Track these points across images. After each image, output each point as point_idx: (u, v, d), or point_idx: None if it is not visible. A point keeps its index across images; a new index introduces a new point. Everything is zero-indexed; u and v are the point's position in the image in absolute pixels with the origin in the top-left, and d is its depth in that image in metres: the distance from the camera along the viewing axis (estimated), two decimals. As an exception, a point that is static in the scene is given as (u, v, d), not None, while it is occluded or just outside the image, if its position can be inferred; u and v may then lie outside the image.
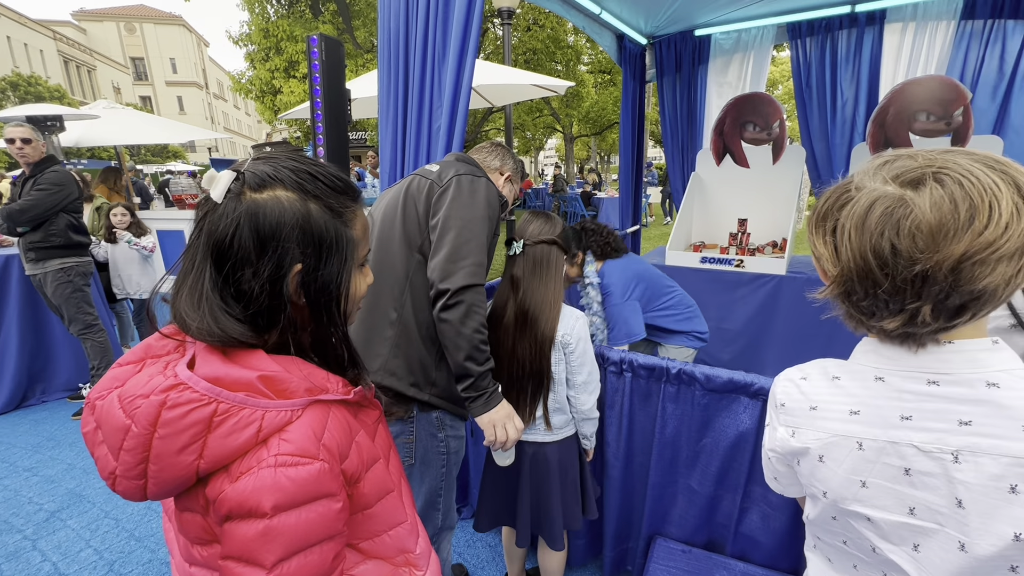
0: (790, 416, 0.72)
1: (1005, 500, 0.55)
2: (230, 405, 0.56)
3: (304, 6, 14.28)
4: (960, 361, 0.58)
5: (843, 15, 3.30)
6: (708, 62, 3.88)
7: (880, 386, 0.64)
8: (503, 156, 1.56)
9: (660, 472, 1.63)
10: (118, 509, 2.46)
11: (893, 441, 0.62)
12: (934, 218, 0.53)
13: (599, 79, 18.79)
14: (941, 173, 0.54)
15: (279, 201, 0.60)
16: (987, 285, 0.53)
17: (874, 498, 0.64)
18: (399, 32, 1.82)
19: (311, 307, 0.65)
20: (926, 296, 0.55)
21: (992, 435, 0.56)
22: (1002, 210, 0.51)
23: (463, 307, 1.20)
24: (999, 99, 3.02)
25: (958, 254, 0.52)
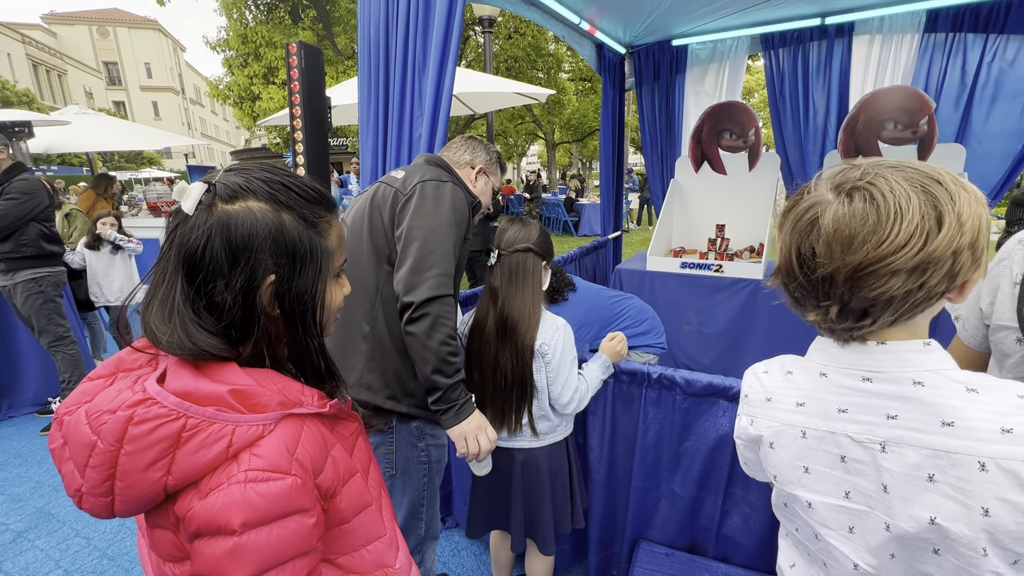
0: (750, 406, 0.79)
1: (923, 487, 0.60)
2: (199, 420, 0.55)
3: (283, 12, 14.16)
4: (891, 360, 0.63)
5: (813, 27, 3.41)
6: (685, 71, 3.97)
7: (823, 381, 0.69)
8: (473, 148, 1.50)
9: (643, 476, 1.64)
10: (89, 528, 2.37)
11: (831, 431, 0.68)
12: (835, 228, 0.59)
13: (580, 87, 19.01)
14: (863, 188, 0.59)
15: (251, 212, 0.60)
16: (880, 295, 0.58)
17: (815, 483, 0.70)
18: (379, 41, 1.82)
19: (286, 318, 0.64)
20: (833, 297, 0.61)
21: (914, 429, 0.61)
22: (902, 229, 0.55)
23: (429, 320, 1.18)
24: (961, 108, 3.15)
25: (853, 264, 0.57)
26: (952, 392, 0.60)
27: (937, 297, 0.59)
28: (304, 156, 2.36)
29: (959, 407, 0.59)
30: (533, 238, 1.44)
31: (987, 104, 3.09)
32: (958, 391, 0.60)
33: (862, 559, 0.67)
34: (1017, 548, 0.57)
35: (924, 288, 0.57)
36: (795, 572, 0.81)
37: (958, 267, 0.57)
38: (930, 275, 0.57)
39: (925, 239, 0.56)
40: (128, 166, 25.75)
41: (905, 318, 0.61)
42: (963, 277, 0.59)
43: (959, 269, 0.57)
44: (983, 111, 3.11)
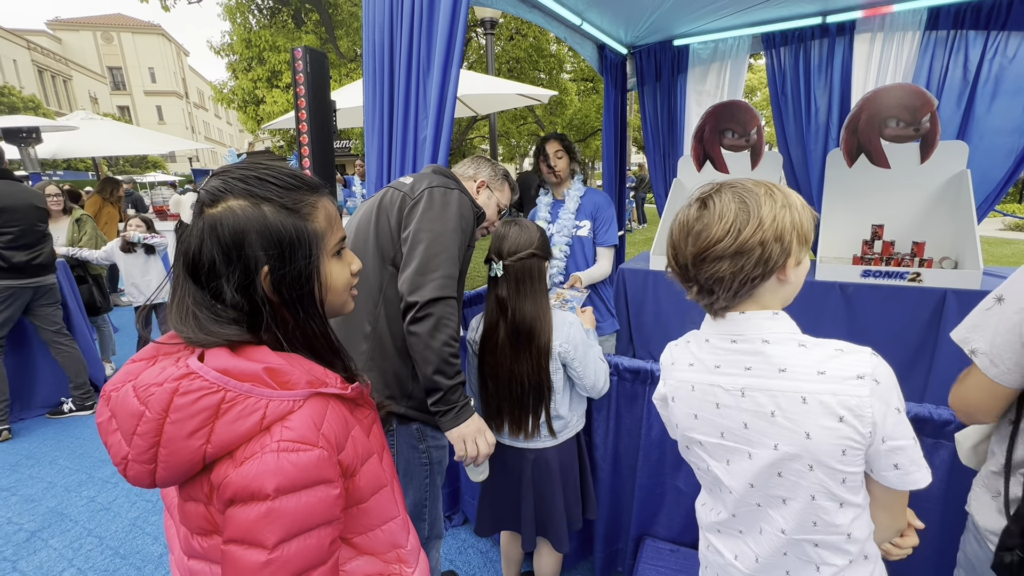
0: (664, 371, 0.99)
1: (768, 421, 0.79)
2: (237, 393, 0.59)
3: (286, 16, 14.24)
4: (748, 326, 0.82)
5: (815, 26, 3.41)
6: (687, 71, 3.97)
7: (706, 345, 0.88)
8: (477, 165, 1.56)
9: (647, 473, 1.66)
10: (101, 527, 2.41)
11: (711, 383, 0.86)
12: (679, 228, 0.82)
13: (582, 87, 19.00)
14: (709, 196, 0.80)
15: (232, 211, 0.64)
16: (713, 275, 0.78)
17: (701, 426, 0.89)
18: (384, 44, 1.85)
19: (286, 304, 0.67)
20: (690, 279, 0.83)
21: (761, 376, 0.80)
22: (721, 226, 0.77)
23: (432, 320, 1.20)
24: (963, 105, 3.15)
25: (693, 253, 0.80)
26: (788, 347, 0.79)
27: (760, 278, 0.78)
28: (310, 159, 2.38)
29: (789, 357, 0.78)
30: (535, 241, 1.43)
31: (989, 101, 3.09)
32: (792, 346, 0.79)
33: (733, 486, 0.86)
34: (837, 465, 0.76)
35: (743, 271, 0.77)
36: (704, 508, 0.99)
37: (767, 254, 0.76)
38: (745, 260, 0.76)
39: (737, 233, 0.76)
40: (133, 170, 25.92)
41: (743, 294, 0.80)
42: (776, 263, 0.77)
43: (769, 256, 0.76)
44: (985, 108, 3.11)
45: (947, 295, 2.60)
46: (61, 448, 3.18)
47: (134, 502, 2.60)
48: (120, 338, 4.93)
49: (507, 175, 1.60)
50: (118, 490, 2.71)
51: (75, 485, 2.77)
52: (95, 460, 3.02)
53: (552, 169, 2.49)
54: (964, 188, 2.85)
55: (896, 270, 2.71)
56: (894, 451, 0.75)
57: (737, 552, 0.91)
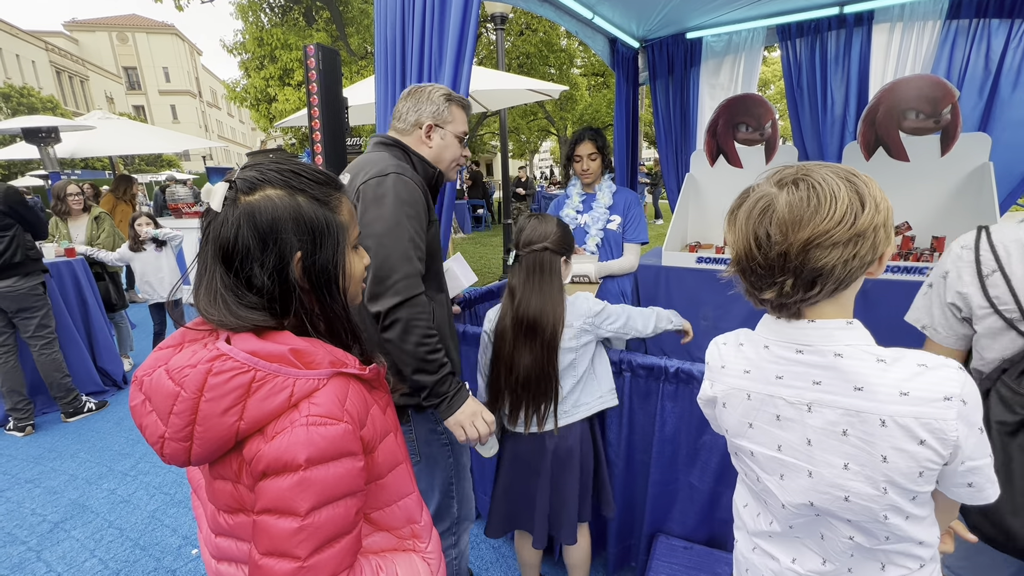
0: (711, 371, 0.93)
1: (838, 440, 0.75)
2: (266, 373, 0.63)
3: (298, 14, 14.32)
4: (818, 336, 0.76)
5: (832, 16, 3.35)
6: (700, 64, 3.92)
7: (765, 352, 0.82)
8: (416, 104, 1.36)
9: (660, 469, 1.65)
10: (122, 519, 2.46)
11: (770, 394, 0.81)
12: (786, 212, 0.71)
13: (592, 82, 18.90)
14: (802, 179, 0.72)
15: (270, 199, 0.67)
16: (826, 264, 0.70)
17: (756, 436, 0.84)
18: (395, 40, 1.85)
19: (314, 289, 0.71)
20: (788, 271, 0.72)
21: (833, 392, 0.74)
22: (838, 208, 0.68)
23: (400, 325, 1.18)
24: (985, 96, 3.07)
25: (803, 239, 0.69)
26: (864, 363, 0.73)
27: (865, 266, 0.72)
28: (323, 156, 2.40)
29: (868, 375, 0.72)
30: (550, 235, 1.45)
31: (1011, 91, 3.01)
32: (869, 362, 0.73)
33: (788, 500, 0.82)
34: (911, 486, 0.72)
35: (856, 257, 0.70)
36: (747, 510, 0.96)
37: (879, 240, 0.70)
38: (860, 246, 0.69)
39: (855, 216, 0.69)
40: (148, 168, 26.32)
41: (842, 287, 0.73)
42: (881, 249, 0.72)
43: (879, 242, 0.71)
44: (1008, 98, 3.03)
45: (968, 291, 2.54)
46: (82, 442, 3.25)
47: (152, 495, 2.65)
48: (137, 334, 5.02)
49: (449, 95, 1.40)
50: (137, 483, 2.77)
51: (96, 478, 2.83)
52: (115, 454, 3.09)
53: (585, 171, 2.47)
54: (987, 181, 2.78)
55: (915, 265, 2.66)
56: (972, 471, 0.72)
57: (796, 556, 0.87)
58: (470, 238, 11.53)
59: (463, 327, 1.96)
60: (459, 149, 1.43)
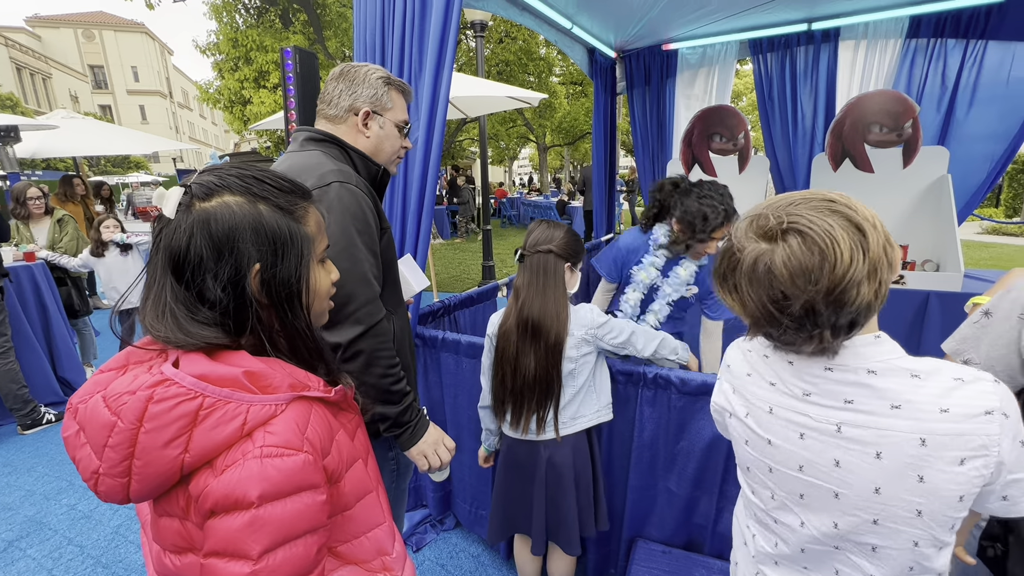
0: (733, 376, 0.87)
1: (870, 463, 0.69)
2: (216, 399, 0.58)
3: (274, 16, 14.11)
4: (848, 354, 0.72)
5: (800, 32, 3.47)
6: (676, 75, 4.01)
7: (791, 367, 0.77)
8: (351, 86, 1.20)
9: (639, 475, 1.67)
10: (82, 536, 2.35)
11: (796, 411, 0.76)
12: (789, 270, 0.66)
13: (571, 90, 19.12)
14: (788, 229, 0.67)
15: (228, 206, 0.63)
16: (859, 302, 0.65)
17: (776, 454, 0.79)
18: (375, 45, 1.84)
19: (274, 304, 0.67)
20: (821, 323, 0.67)
21: (867, 412, 0.70)
22: (843, 249, 0.64)
23: (363, 358, 1.10)
24: (943, 112, 3.22)
25: (824, 290, 0.64)
26: (900, 379, 0.69)
27: (889, 282, 0.68)
28: (299, 160, 2.36)
29: (905, 392, 0.68)
30: (555, 240, 1.47)
31: (967, 108, 3.16)
32: (904, 378, 0.69)
33: (808, 520, 0.77)
34: (949, 512, 0.67)
35: (882, 284, 0.67)
36: (750, 531, 0.90)
37: (890, 256, 0.67)
38: (881, 271, 0.66)
39: (863, 250, 0.65)
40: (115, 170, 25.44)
41: (875, 314, 0.70)
42: (895, 260, 0.69)
43: (892, 257, 0.68)
44: (964, 114, 3.18)
45: (930, 297, 2.65)
46: (40, 455, 3.10)
47: (116, 510, 2.54)
48: (101, 341, 4.82)
49: (388, 78, 1.25)
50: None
51: (54, 493, 2.70)
52: (75, 468, 2.95)
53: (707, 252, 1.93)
54: (945, 193, 2.92)
55: (880, 273, 2.77)
56: (1010, 484, 0.68)
57: None
58: (449, 244, 11.48)
59: (442, 333, 1.95)
60: (399, 140, 1.29)
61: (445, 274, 8.05)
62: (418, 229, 1.83)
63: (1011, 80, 3.03)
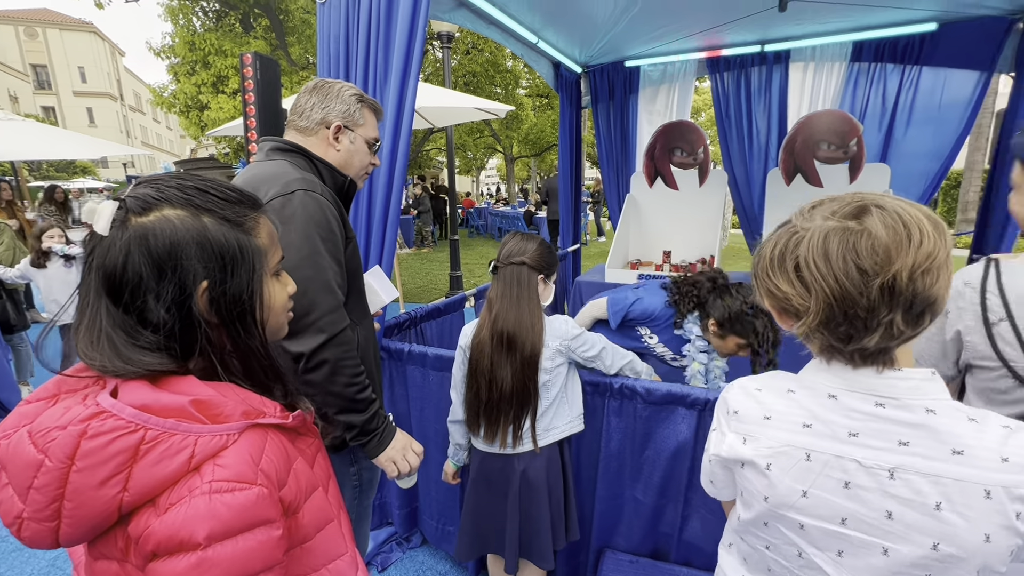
0: (743, 424, 0.75)
1: (929, 514, 0.62)
2: (159, 432, 0.53)
3: (234, 20, 13.76)
4: (905, 388, 0.65)
5: (754, 53, 3.64)
6: (638, 91, 4.13)
7: (833, 403, 0.68)
8: (323, 100, 1.21)
9: (607, 485, 1.67)
10: (15, 569, 2.17)
11: (838, 455, 0.67)
12: (888, 236, 0.61)
13: (537, 102, 19.39)
14: (875, 204, 0.63)
15: (169, 220, 0.58)
16: (936, 290, 0.61)
17: (812, 507, 0.69)
18: (339, 54, 1.81)
19: (225, 323, 0.63)
20: (896, 306, 0.61)
21: (925, 456, 0.63)
22: (927, 229, 0.60)
23: (327, 367, 1.08)
24: (884, 131, 3.44)
25: (910, 265, 0.60)
26: (958, 422, 0.62)
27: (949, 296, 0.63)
28: (259, 169, 2.29)
29: (965, 436, 0.62)
30: (529, 252, 1.47)
31: (905, 128, 3.39)
32: (962, 420, 0.63)
33: None
34: (1000, 568, 0.62)
35: (949, 282, 0.62)
36: None
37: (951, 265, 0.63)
38: (951, 269, 0.61)
39: (942, 236, 0.61)
40: (59, 175, 24.03)
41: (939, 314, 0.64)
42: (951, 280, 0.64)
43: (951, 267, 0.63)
44: (902, 134, 3.41)
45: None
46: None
47: (54, 540, 2.36)
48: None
49: (362, 96, 1.27)
50: (35, 527, 2.46)
51: (-17, 524, 2.49)
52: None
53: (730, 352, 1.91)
54: (888, 207, 3.10)
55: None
56: None
57: None
58: (416, 253, 11.38)
59: (408, 346, 1.92)
60: (369, 156, 1.31)
61: (412, 284, 7.96)
62: (383, 239, 1.80)
63: (943, 103, 3.26)
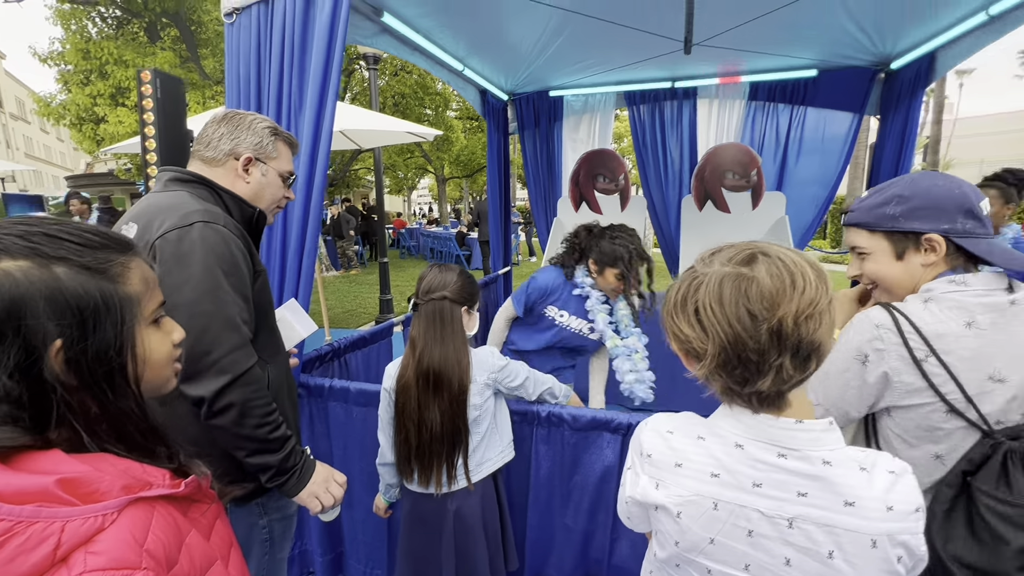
0: (656, 468, 0.76)
1: (822, 562, 0.66)
2: (14, 522, 0.46)
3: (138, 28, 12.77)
4: (805, 439, 0.68)
5: (666, 88, 3.93)
6: (562, 119, 4.30)
7: (739, 452, 0.71)
8: (233, 131, 1.17)
9: (537, 514, 1.67)
10: None
11: (743, 505, 0.70)
12: (774, 283, 0.64)
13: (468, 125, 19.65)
14: (763, 252, 0.68)
15: (9, 275, 0.51)
16: (820, 336, 0.64)
17: (718, 553, 0.72)
18: (250, 78, 1.72)
19: (87, 385, 0.55)
20: (784, 350, 0.64)
21: (821, 507, 0.66)
22: (810, 277, 0.65)
23: (234, 410, 1.01)
24: (779, 162, 3.83)
25: (794, 311, 0.63)
26: (851, 472, 0.66)
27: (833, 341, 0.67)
28: (160, 193, 2.10)
29: (857, 487, 0.65)
30: (449, 285, 1.43)
31: (796, 159, 3.81)
32: (855, 470, 0.66)
33: None
34: None
35: (831, 328, 0.65)
36: None
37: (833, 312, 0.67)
38: (833, 315, 0.65)
39: (823, 283, 0.65)
40: (-85, 192, 20.73)
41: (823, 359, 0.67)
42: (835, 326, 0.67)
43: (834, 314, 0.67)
44: (794, 164, 3.82)
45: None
46: None
47: None
48: None
49: (276, 129, 1.24)
50: None
51: None
52: None
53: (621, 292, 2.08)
54: (784, 231, 3.43)
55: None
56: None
57: None
58: (344, 276, 10.96)
59: (329, 381, 1.82)
60: (282, 190, 1.27)
61: (339, 308, 7.64)
62: (299, 269, 1.71)
63: (826, 137, 3.71)
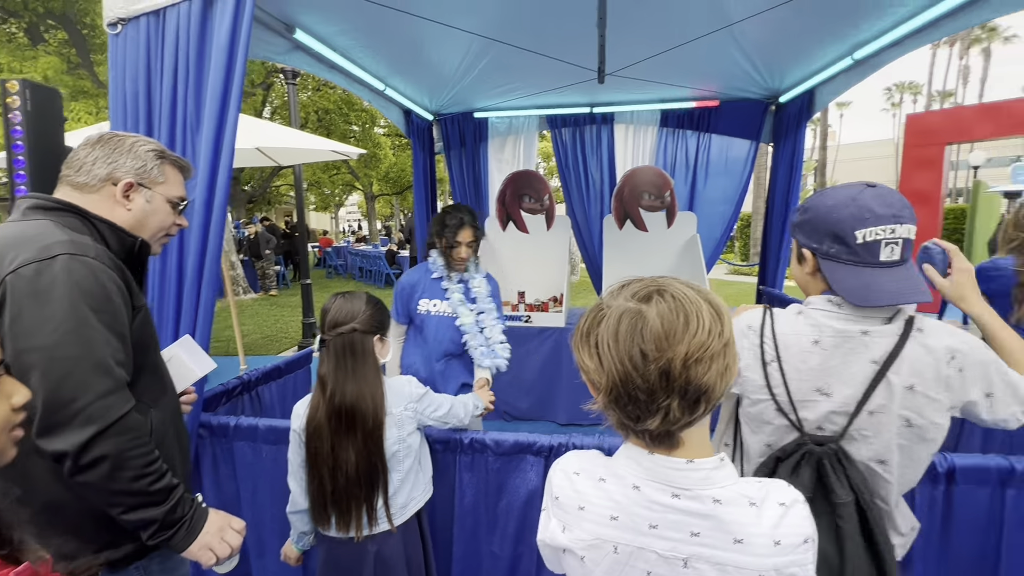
0: (563, 512, 0.76)
1: None
2: None
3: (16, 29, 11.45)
4: (696, 479, 0.68)
5: (585, 114, 4.11)
6: (487, 140, 4.36)
7: (636, 494, 0.71)
8: (110, 154, 1.07)
9: (464, 543, 1.63)
10: None
11: (641, 547, 0.70)
12: (661, 324, 0.64)
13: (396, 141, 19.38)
14: (662, 290, 0.68)
15: None
16: (708, 380, 0.64)
17: None
18: (138, 95, 1.58)
19: None
20: (672, 392, 0.64)
21: (712, 546, 0.67)
22: (705, 319, 0.65)
23: (105, 464, 0.90)
24: (689, 183, 4.12)
25: (683, 353, 0.63)
26: (740, 509, 0.67)
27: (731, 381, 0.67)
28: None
29: (746, 524, 0.66)
30: (358, 315, 1.34)
31: (704, 180, 4.11)
32: (744, 506, 0.67)
33: None
34: None
35: (728, 371, 0.65)
36: None
37: (735, 353, 0.67)
38: (730, 358, 0.66)
39: (721, 326, 0.65)
40: None
41: (712, 408, 0.68)
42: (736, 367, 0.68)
43: (736, 355, 0.67)
44: (703, 186, 4.12)
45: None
46: None
47: None
48: None
49: (162, 152, 1.14)
50: None
51: None
52: None
53: (464, 259, 2.12)
54: (695, 248, 3.67)
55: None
56: None
57: None
58: (265, 299, 10.32)
59: (235, 420, 1.68)
60: (171, 217, 1.16)
61: (258, 334, 7.16)
62: (197, 300, 1.58)
63: (729, 161, 4.05)
